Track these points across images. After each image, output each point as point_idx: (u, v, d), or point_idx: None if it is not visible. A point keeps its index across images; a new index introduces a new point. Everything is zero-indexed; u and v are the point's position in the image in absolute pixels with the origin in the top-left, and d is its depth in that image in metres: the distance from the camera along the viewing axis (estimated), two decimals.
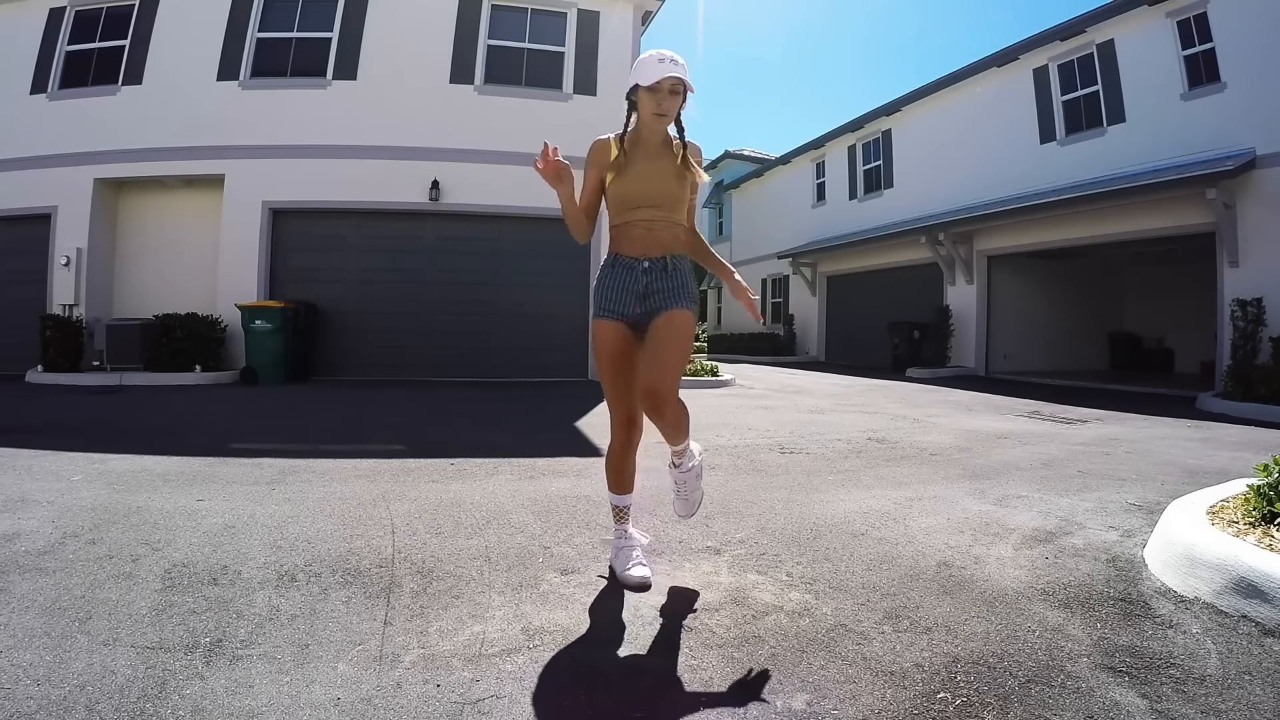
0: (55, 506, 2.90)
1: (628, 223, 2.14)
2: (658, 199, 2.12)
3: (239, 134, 9.62)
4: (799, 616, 1.95)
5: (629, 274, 2.13)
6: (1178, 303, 13.76)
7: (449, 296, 10.05)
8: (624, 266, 2.15)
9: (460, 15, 10.15)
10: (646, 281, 2.12)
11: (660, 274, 2.13)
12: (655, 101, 2.04)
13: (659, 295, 2.13)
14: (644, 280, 2.12)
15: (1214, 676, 1.60)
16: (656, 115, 2.06)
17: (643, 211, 2.12)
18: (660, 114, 2.06)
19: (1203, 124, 9.78)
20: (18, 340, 9.34)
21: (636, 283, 2.13)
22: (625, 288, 2.14)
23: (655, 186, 2.12)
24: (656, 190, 2.12)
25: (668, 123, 2.11)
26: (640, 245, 2.14)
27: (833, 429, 5.73)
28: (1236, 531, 2.22)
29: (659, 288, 2.13)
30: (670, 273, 2.15)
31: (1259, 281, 8.90)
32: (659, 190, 2.12)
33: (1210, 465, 4.31)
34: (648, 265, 2.12)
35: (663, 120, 2.08)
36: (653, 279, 2.13)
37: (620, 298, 2.14)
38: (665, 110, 2.06)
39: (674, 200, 2.14)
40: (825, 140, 18.77)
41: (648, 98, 2.05)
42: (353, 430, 5.47)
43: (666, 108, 2.05)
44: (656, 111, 2.05)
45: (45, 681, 1.49)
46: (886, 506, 3.19)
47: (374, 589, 2.09)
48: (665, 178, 2.13)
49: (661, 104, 2.04)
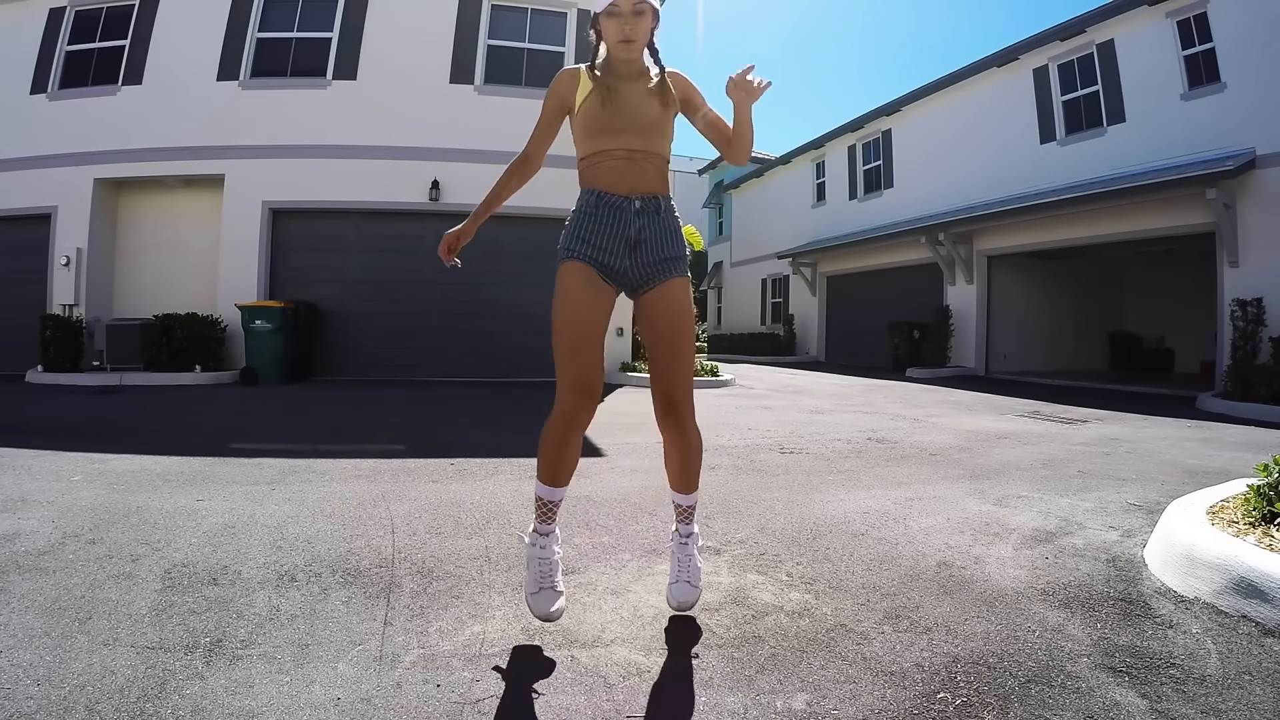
0: (55, 506, 2.90)
1: (605, 151, 1.81)
2: (639, 123, 1.81)
3: (239, 134, 9.62)
4: (799, 616, 1.95)
5: (617, 216, 1.80)
6: (1178, 303, 13.76)
7: (449, 296, 10.05)
8: (611, 206, 1.80)
9: (460, 15, 10.16)
10: (639, 225, 1.81)
11: (654, 217, 1.83)
12: (618, 26, 1.78)
13: (653, 246, 1.82)
14: (636, 223, 1.80)
15: (1214, 676, 1.60)
16: (622, 43, 1.79)
17: (623, 138, 1.80)
18: (626, 40, 1.79)
19: (1203, 124, 9.79)
20: (18, 340, 9.35)
21: (627, 226, 1.80)
22: (613, 232, 1.80)
23: (634, 108, 1.81)
24: (635, 111, 1.81)
25: (637, 49, 1.82)
26: (626, 179, 1.80)
27: (833, 429, 5.73)
28: (1236, 531, 2.22)
29: (652, 234, 1.82)
30: (665, 216, 1.85)
31: (1259, 281, 8.90)
32: (638, 112, 1.81)
33: (1210, 465, 4.30)
34: (640, 205, 1.81)
35: (631, 47, 1.80)
36: (646, 221, 1.81)
37: (606, 243, 1.80)
38: (631, 35, 1.78)
39: (657, 127, 1.83)
40: (825, 140, 18.77)
41: (610, 25, 1.79)
42: (353, 430, 5.47)
43: (631, 31, 1.77)
44: (621, 38, 1.78)
45: (45, 681, 1.49)
46: (886, 506, 3.19)
47: (374, 589, 2.09)
48: (645, 100, 1.83)
49: (624, 28, 1.77)
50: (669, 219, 1.86)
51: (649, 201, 1.82)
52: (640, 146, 1.81)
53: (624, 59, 1.84)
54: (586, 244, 1.80)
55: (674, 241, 1.86)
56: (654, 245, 1.82)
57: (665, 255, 1.83)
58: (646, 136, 1.82)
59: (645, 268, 1.83)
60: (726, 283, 25.19)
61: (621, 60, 1.84)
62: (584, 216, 1.83)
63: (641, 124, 1.81)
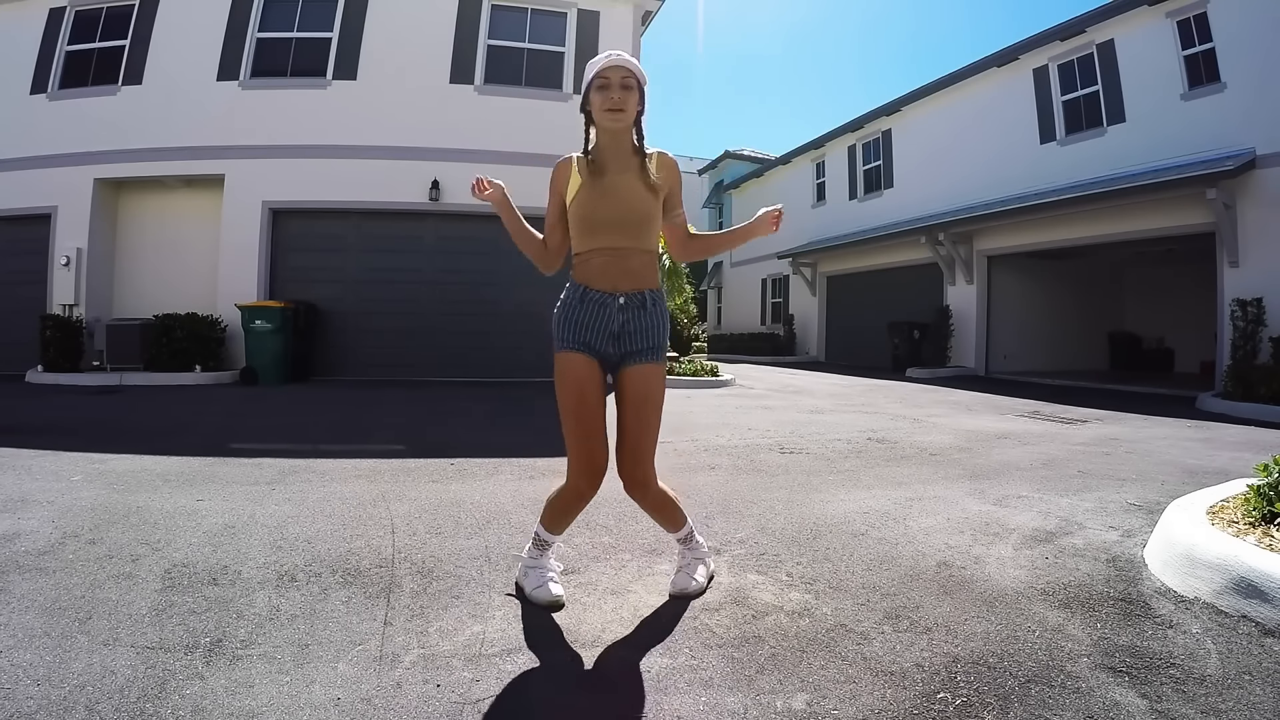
0: (55, 506, 2.90)
1: (592, 250, 1.88)
2: (625, 219, 1.86)
3: (239, 134, 9.62)
4: (799, 616, 1.95)
5: (601, 311, 1.87)
6: (1178, 303, 13.76)
7: (449, 296, 10.05)
8: (595, 303, 1.87)
9: (460, 15, 10.15)
10: (623, 320, 1.88)
11: (638, 311, 1.89)
12: (605, 97, 1.85)
13: (635, 337, 1.89)
14: (619, 319, 1.87)
15: (1214, 676, 1.60)
16: (609, 112, 1.85)
17: (608, 236, 1.86)
18: (614, 109, 1.85)
19: (1203, 124, 9.78)
20: (18, 340, 9.34)
21: (611, 321, 1.87)
22: (597, 325, 1.88)
23: (621, 205, 1.86)
24: (623, 209, 1.86)
25: (625, 121, 1.88)
26: (610, 277, 1.87)
27: (833, 429, 5.73)
28: (1236, 531, 2.22)
29: (636, 328, 1.89)
30: (650, 310, 1.91)
31: (1259, 281, 8.90)
32: (626, 208, 1.86)
33: (1210, 465, 4.31)
34: (624, 301, 1.87)
35: (619, 117, 1.86)
36: (629, 317, 1.88)
37: (591, 335, 1.89)
38: (619, 104, 1.85)
39: (645, 221, 1.89)
40: (825, 140, 18.77)
41: (599, 96, 1.86)
42: (353, 430, 5.47)
43: (619, 100, 1.84)
44: (609, 107, 1.85)
45: (45, 681, 1.49)
46: (886, 506, 3.19)
47: (374, 589, 2.09)
48: (632, 193, 1.87)
49: (613, 98, 1.84)
50: (654, 312, 1.92)
51: (633, 297, 1.89)
52: (627, 244, 1.87)
53: (611, 130, 1.88)
54: (577, 335, 1.89)
55: (656, 333, 1.93)
56: (635, 337, 1.90)
57: (646, 345, 1.91)
58: (635, 233, 1.88)
59: (626, 353, 1.92)
60: (726, 283, 25.19)
61: (611, 135, 1.89)
62: (571, 310, 1.91)
63: (630, 220, 1.87)
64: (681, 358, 12.07)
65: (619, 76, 1.85)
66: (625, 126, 1.90)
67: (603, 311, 1.87)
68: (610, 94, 1.85)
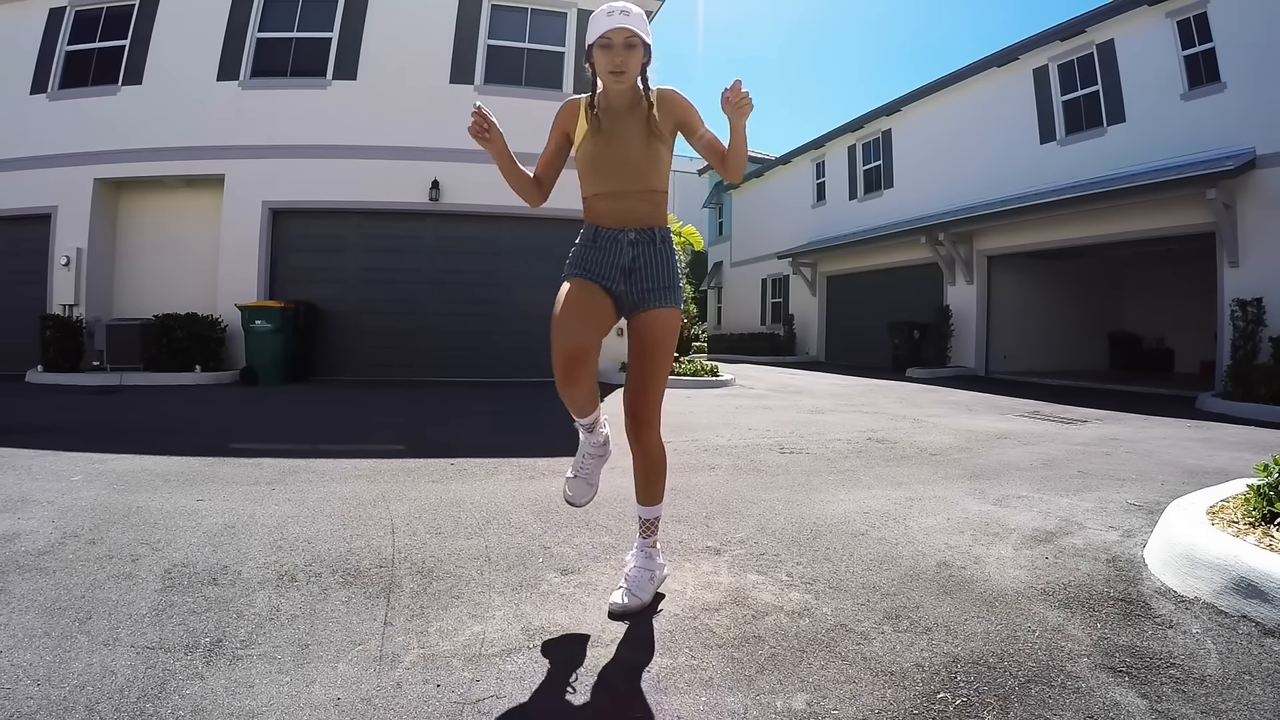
0: (55, 506, 2.90)
1: (599, 194, 1.96)
2: (629, 166, 1.93)
3: (239, 134, 9.62)
4: (799, 616, 1.95)
5: (613, 246, 1.94)
6: (1178, 303, 13.76)
7: (449, 296, 10.06)
8: (607, 239, 1.94)
9: (460, 15, 10.16)
10: (633, 255, 1.94)
11: (648, 247, 1.95)
12: (609, 59, 1.85)
13: (645, 274, 1.94)
14: (630, 253, 1.94)
15: (1214, 676, 1.60)
16: (612, 74, 1.86)
17: (614, 180, 1.93)
18: (616, 71, 1.86)
19: (1203, 124, 9.78)
20: (18, 340, 9.34)
21: (622, 255, 1.94)
22: (609, 260, 1.95)
23: (625, 152, 1.92)
24: (626, 156, 1.92)
25: (628, 81, 1.89)
26: (620, 215, 1.94)
27: (833, 429, 5.73)
28: (1236, 531, 2.22)
29: (645, 263, 1.95)
30: (659, 246, 1.97)
31: (1259, 281, 8.90)
32: (628, 156, 1.92)
33: (1210, 465, 4.30)
34: (634, 236, 1.94)
35: (621, 79, 1.87)
36: (639, 251, 1.95)
37: (602, 270, 1.94)
38: (621, 66, 1.85)
39: (648, 166, 1.94)
40: (825, 140, 18.77)
41: (602, 56, 1.87)
42: (353, 430, 5.47)
43: (622, 63, 1.85)
44: (611, 69, 1.85)
45: (45, 681, 1.49)
46: (886, 506, 3.19)
47: (374, 589, 2.09)
48: (635, 141, 1.92)
49: (615, 60, 1.85)
50: (663, 249, 1.97)
51: (643, 233, 1.95)
52: (633, 186, 1.93)
53: (614, 90, 1.90)
54: (585, 268, 1.95)
55: (667, 272, 1.97)
56: (646, 273, 1.94)
57: (658, 284, 1.95)
58: (639, 176, 1.93)
59: (638, 294, 1.96)
60: (726, 283, 25.18)
61: (613, 92, 1.91)
62: (583, 248, 1.99)
63: (634, 165, 1.93)
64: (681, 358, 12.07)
65: (622, 37, 1.84)
66: (628, 86, 1.91)
67: (613, 246, 1.93)
68: (613, 55, 1.85)
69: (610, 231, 1.94)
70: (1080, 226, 11.34)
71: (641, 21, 1.87)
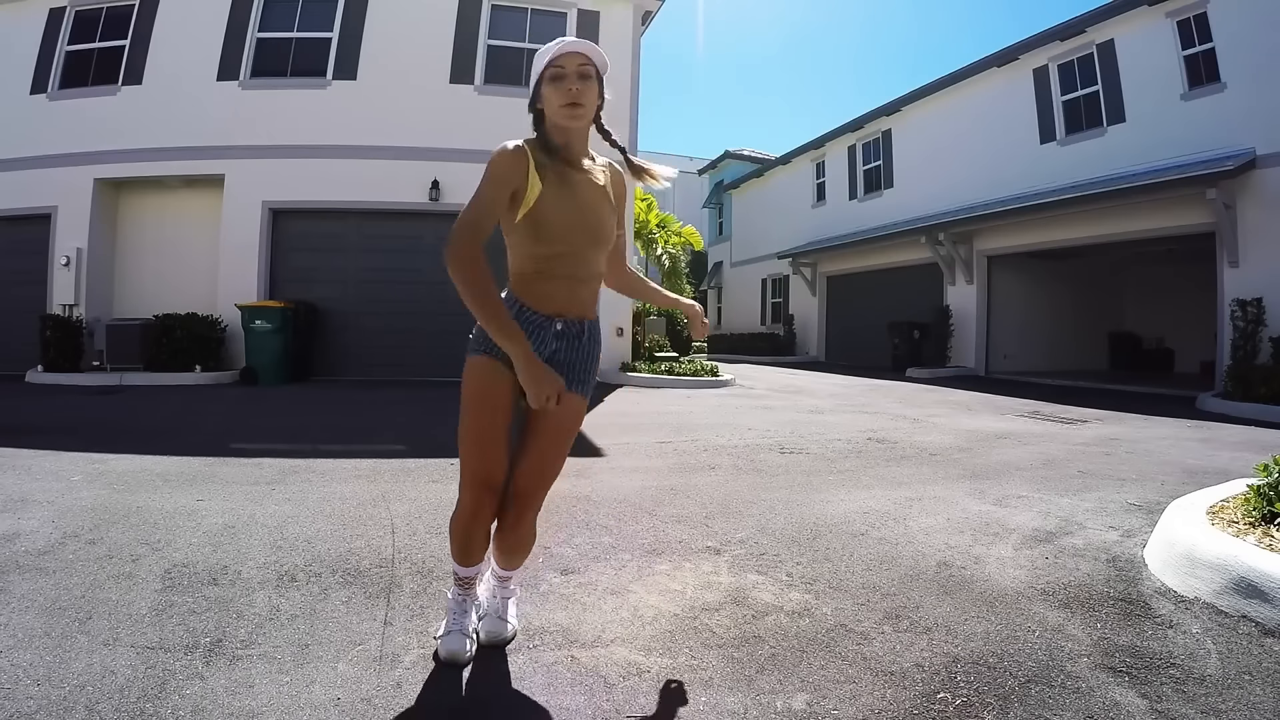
0: (55, 506, 2.90)
1: (540, 271, 1.62)
2: (595, 228, 1.63)
3: (239, 134, 9.62)
4: (799, 616, 1.95)
5: (535, 334, 1.63)
6: (1178, 303, 13.76)
7: (449, 296, 9.80)
8: (532, 324, 1.63)
9: (460, 15, 10.15)
10: (555, 348, 1.65)
11: (574, 340, 1.67)
12: (562, 92, 1.56)
13: (565, 368, 1.66)
14: (553, 344, 1.65)
15: (1214, 676, 1.60)
16: (567, 107, 1.56)
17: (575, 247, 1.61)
18: (572, 104, 1.56)
19: (1203, 124, 9.78)
20: (18, 340, 9.34)
21: (543, 346, 1.64)
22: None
23: (591, 212, 1.62)
24: (593, 216, 1.62)
25: (586, 117, 1.61)
26: (557, 301, 1.63)
27: (833, 429, 5.73)
28: (1236, 531, 2.22)
29: (567, 359, 1.67)
30: (585, 341, 1.69)
31: (1259, 281, 8.89)
32: (595, 216, 1.63)
33: (1210, 465, 4.30)
34: (561, 328, 1.65)
35: (577, 113, 1.57)
36: (562, 345, 1.66)
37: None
38: (577, 98, 1.56)
39: (606, 238, 1.67)
40: (825, 140, 18.77)
41: (553, 91, 1.57)
42: (353, 430, 5.47)
43: (577, 93, 1.56)
44: (565, 102, 1.56)
45: (45, 681, 1.49)
46: (886, 506, 3.19)
47: (374, 589, 2.09)
48: (600, 198, 1.65)
49: (570, 90, 1.55)
50: (589, 345, 1.71)
51: (571, 324, 1.66)
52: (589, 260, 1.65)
53: (569, 128, 1.60)
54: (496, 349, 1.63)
55: (585, 367, 1.71)
56: (566, 365, 1.67)
57: (573, 377, 1.68)
58: (600, 245, 1.65)
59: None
60: (726, 283, 25.19)
61: (566, 133, 1.61)
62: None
63: (599, 229, 1.64)
64: (681, 358, 12.07)
65: (575, 64, 1.57)
66: (585, 124, 1.63)
67: (537, 335, 1.63)
68: (566, 85, 1.56)
69: (537, 316, 1.64)
70: (1080, 226, 11.34)
71: (597, 53, 1.61)
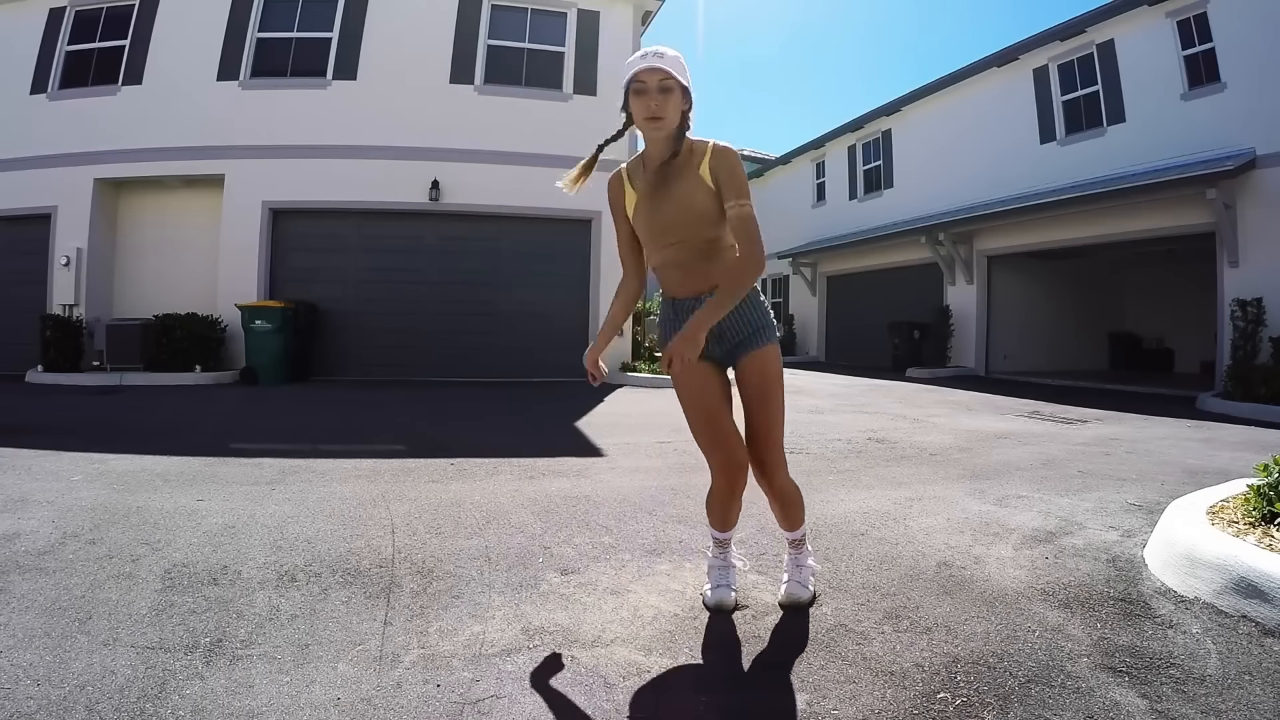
0: (55, 506, 2.90)
1: (664, 263, 1.88)
2: (685, 225, 1.81)
3: (239, 134, 9.62)
4: (799, 616, 1.95)
5: (686, 315, 1.85)
6: (1178, 303, 13.76)
7: (449, 296, 10.06)
8: (687, 311, 1.86)
9: (460, 15, 10.15)
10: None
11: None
12: (644, 105, 1.75)
13: (734, 330, 1.87)
14: None
15: (1214, 676, 1.60)
16: (649, 120, 1.76)
17: (674, 245, 1.84)
18: (652, 117, 1.75)
19: (1203, 124, 9.78)
20: (18, 340, 9.34)
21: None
22: None
23: (679, 211, 1.81)
24: (681, 215, 1.81)
25: (667, 128, 1.78)
26: (690, 284, 1.86)
27: (833, 429, 5.73)
28: (1236, 531, 2.22)
29: (730, 322, 1.86)
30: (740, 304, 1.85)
31: (1259, 281, 8.89)
32: (684, 214, 1.81)
33: (1210, 465, 4.30)
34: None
35: (658, 125, 1.76)
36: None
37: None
38: (657, 112, 1.75)
39: (701, 222, 1.81)
40: (825, 140, 18.76)
41: (637, 103, 1.77)
42: (353, 430, 5.47)
43: (657, 107, 1.75)
44: (648, 115, 1.76)
45: (45, 681, 1.49)
46: (886, 506, 3.19)
47: (374, 589, 2.09)
48: (689, 196, 1.80)
49: (651, 105, 1.75)
50: (743, 308, 1.87)
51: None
52: (692, 252, 1.83)
53: (653, 138, 1.82)
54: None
55: (754, 317, 1.89)
56: (735, 330, 1.88)
57: (747, 332, 1.88)
58: (697, 235, 1.82)
59: (732, 347, 1.91)
60: None
61: (652, 141, 1.82)
62: (667, 323, 1.95)
63: (690, 225, 1.81)
64: None
65: (656, 80, 1.74)
66: (666, 134, 1.79)
67: (686, 315, 1.85)
68: (648, 101, 1.75)
69: (687, 303, 1.87)
70: (1080, 226, 11.33)
71: (678, 63, 1.77)
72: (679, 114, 1.79)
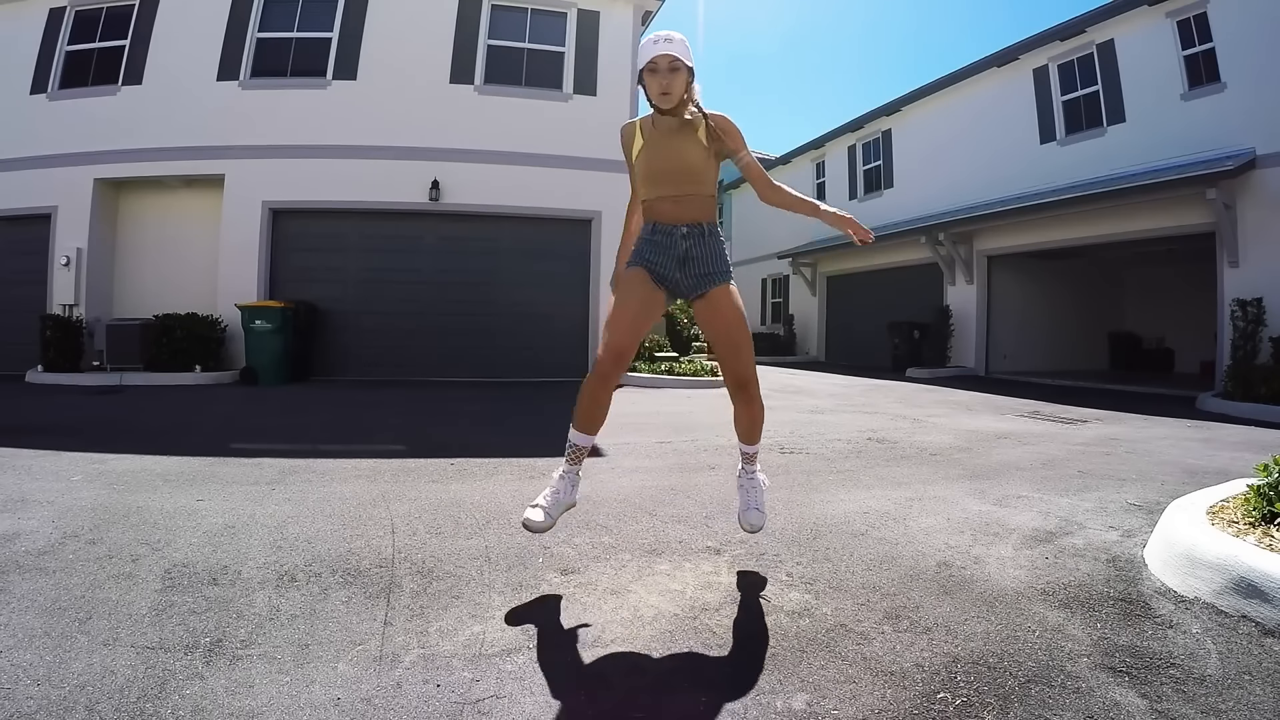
0: (55, 506, 2.90)
1: (657, 198, 2.23)
2: (679, 174, 2.19)
3: (239, 134, 9.62)
4: (799, 616, 1.95)
5: (667, 239, 2.22)
6: (1178, 303, 13.76)
7: (449, 296, 10.05)
8: (663, 233, 2.23)
9: (460, 15, 10.15)
10: (686, 247, 2.21)
11: (699, 239, 2.22)
12: (656, 83, 2.13)
13: (699, 262, 2.22)
14: (683, 245, 2.21)
15: (1214, 676, 1.60)
16: (660, 96, 2.13)
17: (667, 185, 2.20)
18: (663, 93, 2.13)
19: (1203, 124, 9.78)
20: (18, 340, 9.34)
21: (675, 248, 2.22)
22: (665, 251, 2.23)
23: (675, 162, 2.19)
24: (676, 166, 2.19)
25: (673, 100, 2.15)
26: (673, 214, 2.22)
27: (833, 429, 5.73)
28: (1236, 531, 2.22)
29: (698, 254, 2.22)
30: (709, 238, 2.24)
31: (1259, 281, 8.89)
32: (679, 166, 2.19)
33: (1210, 465, 4.30)
34: (685, 230, 2.21)
35: (666, 99, 2.14)
36: (692, 244, 2.22)
37: (660, 259, 2.23)
38: (666, 89, 2.12)
39: (697, 174, 2.20)
40: (825, 140, 18.77)
41: (650, 80, 2.15)
42: (353, 430, 5.47)
43: (666, 84, 2.12)
44: (659, 92, 2.13)
45: (45, 681, 1.49)
46: (886, 506, 3.19)
47: (374, 589, 2.09)
48: (684, 152, 2.19)
49: (661, 83, 2.12)
50: (712, 241, 2.25)
51: (694, 228, 2.23)
52: (682, 191, 2.21)
53: (660, 110, 2.18)
54: (644, 258, 2.26)
55: (718, 258, 2.25)
56: (699, 260, 2.23)
57: (710, 269, 2.24)
58: (687, 182, 2.21)
59: (693, 279, 2.24)
60: None
61: (661, 111, 2.18)
62: (644, 242, 2.29)
63: (682, 174, 2.21)
64: (682, 358, 12.07)
65: (666, 62, 2.12)
66: (674, 103, 2.17)
67: (669, 239, 2.22)
68: (659, 79, 2.13)
69: (666, 226, 2.23)
70: (1080, 226, 11.34)
71: (683, 47, 2.12)
72: (684, 86, 2.16)
